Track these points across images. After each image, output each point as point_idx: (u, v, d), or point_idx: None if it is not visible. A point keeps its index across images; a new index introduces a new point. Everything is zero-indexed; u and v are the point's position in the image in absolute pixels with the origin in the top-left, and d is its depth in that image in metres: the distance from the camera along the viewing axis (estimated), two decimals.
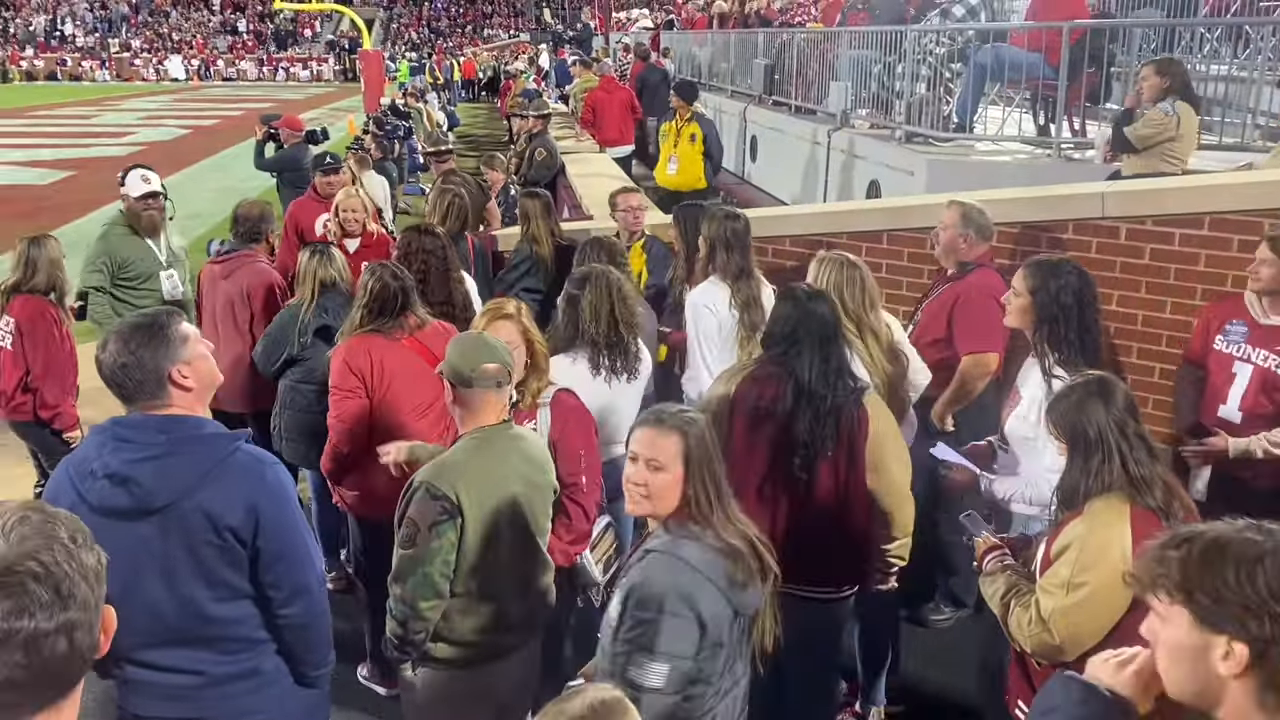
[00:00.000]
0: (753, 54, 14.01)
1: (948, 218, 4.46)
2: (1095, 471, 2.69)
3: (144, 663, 2.56)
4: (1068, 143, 7.72)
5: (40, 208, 16.31)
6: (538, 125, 10.63)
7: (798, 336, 3.37)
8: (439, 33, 57.25)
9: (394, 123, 16.28)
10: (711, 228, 4.66)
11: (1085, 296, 3.56)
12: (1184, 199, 4.49)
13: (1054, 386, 3.44)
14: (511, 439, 3.05)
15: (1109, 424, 2.69)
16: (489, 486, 2.92)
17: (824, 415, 3.30)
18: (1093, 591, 2.60)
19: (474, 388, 2.95)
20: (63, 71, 51.79)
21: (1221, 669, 1.49)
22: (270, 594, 2.56)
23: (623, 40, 24.89)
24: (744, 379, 3.42)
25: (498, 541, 2.94)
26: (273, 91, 45.18)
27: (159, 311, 2.62)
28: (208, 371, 2.59)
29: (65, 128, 29.39)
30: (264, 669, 2.64)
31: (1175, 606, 1.55)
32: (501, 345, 3.08)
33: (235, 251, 5.41)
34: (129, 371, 2.45)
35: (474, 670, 3.03)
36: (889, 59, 9.21)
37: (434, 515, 2.83)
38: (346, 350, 3.98)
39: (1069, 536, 2.70)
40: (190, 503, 2.43)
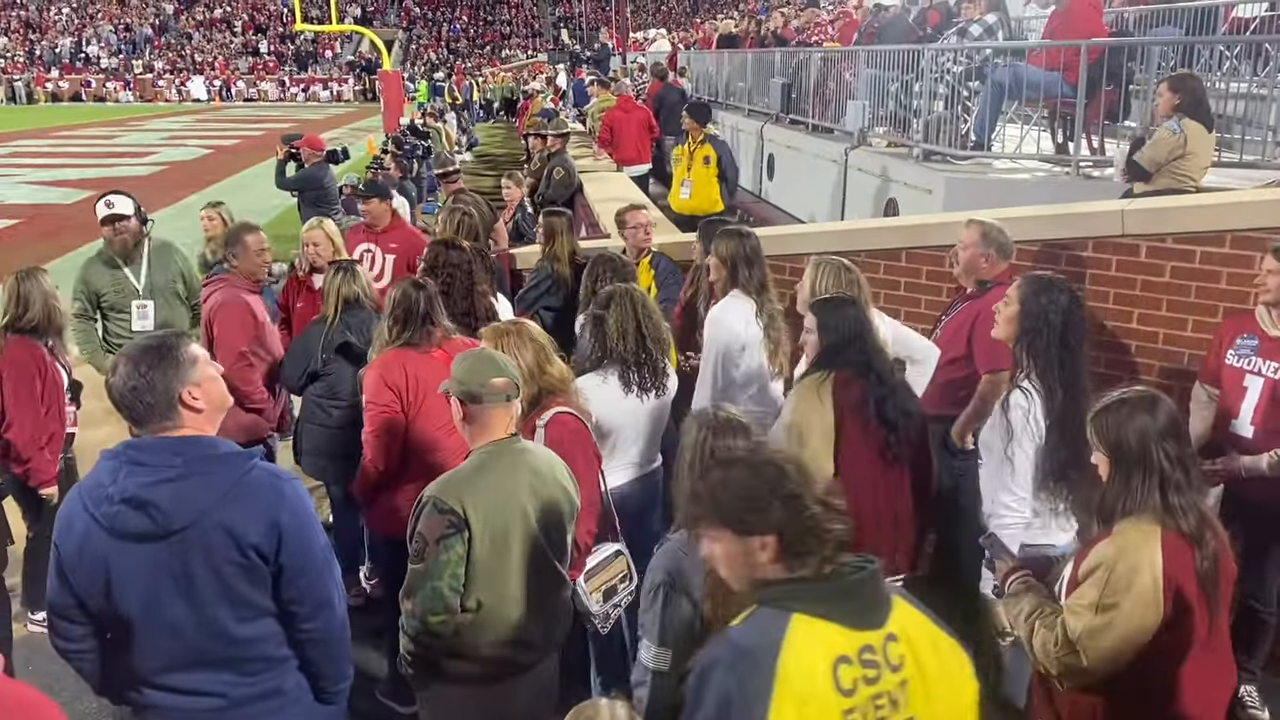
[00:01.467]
0: (770, 73, 14.05)
1: (967, 237, 4.46)
2: (1134, 490, 2.66)
3: (165, 686, 2.56)
4: (1086, 161, 7.69)
5: (64, 227, 16.52)
6: (556, 144, 10.69)
7: (854, 334, 3.53)
8: (458, 53, 57.68)
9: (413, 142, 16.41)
10: (729, 246, 4.68)
11: (1072, 317, 3.55)
12: (1205, 216, 4.46)
13: (1015, 397, 3.50)
14: (520, 452, 3.05)
15: (1155, 443, 2.65)
16: (497, 500, 2.92)
17: (899, 395, 3.49)
18: (1122, 614, 2.58)
19: (483, 404, 2.96)
20: (87, 93, 52.48)
21: (762, 558, 2.00)
22: (293, 609, 2.56)
23: (638, 60, 25.01)
24: (833, 390, 3.46)
25: (508, 555, 2.94)
26: (293, 111, 45.62)
27: (168, 333, 2.63)
28: (218, 393, 2.60)
29: (89, 148, 29.77)
30: (285, 688, 2.65)
31: (717, 529, 2.04)
32: (507, 360, 3.10)
33: (215, 275, 5.37)
34: (139, 394, 2.45)
35: (490, 688, 3.02)
36: (906, 77, 9.21)
37: (441, 529, 2.85)
38: (381, 365, 3.99)
39: (1098, 558, 2.67)
40: (211, 522, 2.43)
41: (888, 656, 1.94)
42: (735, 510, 2.00)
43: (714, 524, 2.03)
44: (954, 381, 4.50)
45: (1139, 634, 2.59)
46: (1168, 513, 2.63)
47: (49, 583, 2.54)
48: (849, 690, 1.90)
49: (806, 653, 1.89)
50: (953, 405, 4.40)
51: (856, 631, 1.93)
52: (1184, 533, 2.62)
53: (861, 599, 1.97)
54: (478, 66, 48.47)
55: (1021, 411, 3.48)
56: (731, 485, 2.01)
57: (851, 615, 1.94)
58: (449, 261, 4.78)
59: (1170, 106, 5.84)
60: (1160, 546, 2.59)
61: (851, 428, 3.42)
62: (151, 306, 5.69)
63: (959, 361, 4.48)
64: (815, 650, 1.90)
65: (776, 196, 12.88)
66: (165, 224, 14.67)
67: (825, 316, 3.59)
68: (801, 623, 1.91)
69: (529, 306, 5.91)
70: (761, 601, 1.97)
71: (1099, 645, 2.60)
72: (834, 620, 1.92)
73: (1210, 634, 2.67)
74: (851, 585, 1.96)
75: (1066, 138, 8.09)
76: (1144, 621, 2.58)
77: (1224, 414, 4.05)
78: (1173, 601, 2.59)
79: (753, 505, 1.97)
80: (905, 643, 1.97)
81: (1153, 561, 2.58)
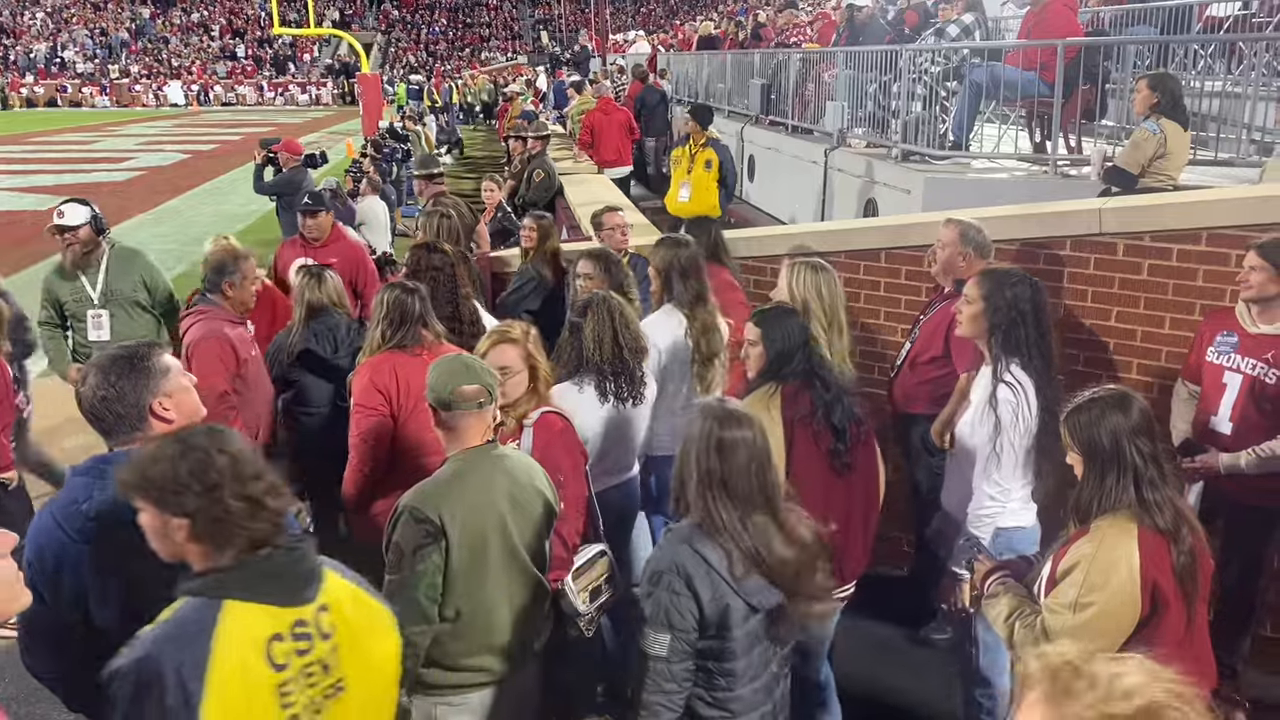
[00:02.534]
0: (749, 74, 14.08)
1: (945, 236, 4.48)
2: (1109, 489, 2.68)
3: None
4: (1064, 159, 7.73)
5: (37, 233, 16.28)
6: (537, 146, 10.66)
7: (798, 344, 3.54)
8: (437, 56, 57.53)
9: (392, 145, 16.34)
10: (663, 256, 4.62)
11: (1039, 302, 3.62)
12: (1182, 214, 4.49)
13: (1002, 392, 3.53)
14: (496, 459, 3.02)
15: (1128, 441, 2.67)
16: (474, 508, 2.89)
17: (845, 401, 3.51)
18: (1100, 612, 2.59)
19: (453, 410, 2.93)
20: (63, 98, 51.99)
21: (178, 537, 2.05)
22: None
23: (618, 62, 25.01)
24: (781, 404, 3.44)
25: (485, 564, 2.91)
26: (271, 115, 45.35)
27: (140, 343, 2.59)
28: (190, 404, 2.57)
29: (65, 154, 29.50)
30: None
31: (141, 500, 2.08)
32: (482, 366, 3.05)
33: (198, 305, 4.81)
34: (109, 404, 2.42)
35: (467, 696, 2.99)
36: (885, 78, 9.25)
37: (418, 539, 2.81)
38: (371, 368, 3.96)
39: (1075, 556, 2.68)
40: None
41: (320, 626, 2.13)
42: (155, 485, 2.06)
43: (139, 494, 2.09)
44: (932, 380, 4.52)
45: (1117, 631, 2.60)
46: (1143, 509, 2.64)
47: None
48: (282, 665, 2.05)
49: (238, 636, 2.02)
50: (931, 404, 4.41)
51: (288, 609, 2.09)
52: (1160, 529, 2.63)
53: (291, 579, 2.13)
54: (457, 69, 48.34)
55: (1010, 406, 3.51)
56: (160, 461, 2.07)
57: (282, 595, 2.10)
58: (431, 265, 4.76)
59: (1147, 105, 5.87)
60: (1137, 543, 2.61)
61: (801, 438, 3.40)
62: (106, 316, 5.59)
63: (937, 361, 4.51)
64: (247, 633, 2.03)
65: (757, 198, 12.90)
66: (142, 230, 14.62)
67: (768, 328, 3.57)
68: (233, 609, 2.03)
69: (510, 310, 5.88)
70: (189, 593, 2.06)
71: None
72: (265, 602, 2.06)
73: (1189, 629, 2.69)
74: (279, 567, 2.11)
75: (1044, 137, 8.14)
76: (1121, 618, 2.59)
77: (1203, 411, 4.08)
78: (1150, 597, 2.60)
79: (171, 486, 2.04)
80: (335, 611, 2.17)
81: (1130, 558, 2.59)
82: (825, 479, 3.43)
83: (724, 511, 2.67)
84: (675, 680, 2.69)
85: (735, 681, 2.74)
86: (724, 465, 2.68)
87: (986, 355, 3.70)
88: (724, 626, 2.66)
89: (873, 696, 4.27)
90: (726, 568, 2.64)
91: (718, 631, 2.67)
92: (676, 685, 2.70)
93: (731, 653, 2.70)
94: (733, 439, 2.69)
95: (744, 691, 2.75)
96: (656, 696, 2.69)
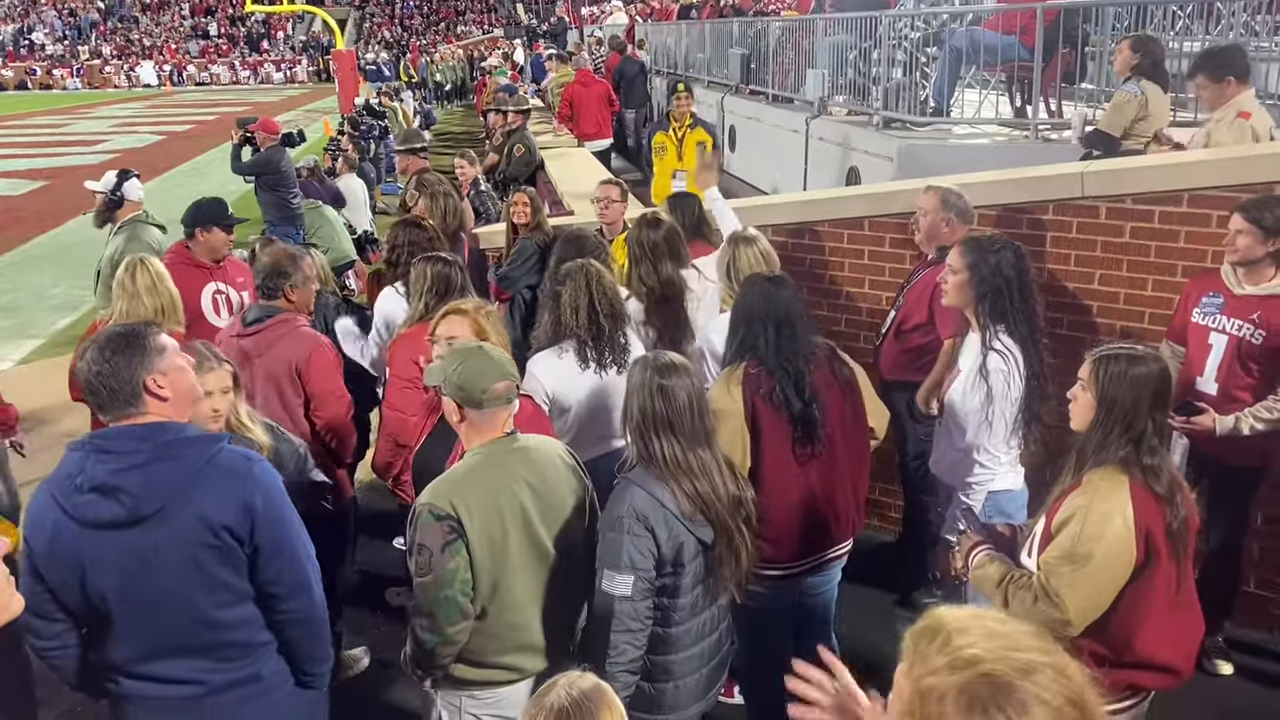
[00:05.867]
0: (728, 43, 13.99)
1: (926, 203, 4.48)
2: (1110, 442, 2.71)
3: (143, 675, 2.55)
4: (1044, 124, 7.74)
5: (15, 219, 16.14)
6: (517, 120, 10.59)
7: (761, 316, 3.44)
8: (412, 31, 56.92)
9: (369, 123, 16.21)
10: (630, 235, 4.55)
11: (1022, 268, 3.64)
12: (1163, 176, 4.50)
13: (993, 361, 3.55)
14: (516, 450, 2.94)
15: (1146, 404, 2.69)
16: (490, 502, 2.81)
17: (804, 385, 3.39)
18: (1098, 563, 2.63)
19: (484, 409, 2.87)
20: (32, 80, 51.24)
21: None
22: (271, 591, 2.56)
23: (595, 33, 24.82)
24: (742, 386, 3.40)
25: (505, 559, 2.83)
26: (247, 94, 44.88)
27: (139, 322, 2.62)
28: (186, 383, 2.58)
29: (37, 137, 29.15)
30: (264, 674, 2.65)
31: None
32: (504, 356, 2.99)
33: (267, 318, 4.17)
34: (104, 380, 2.44)
35: (496, 692, 2.94)
36: (865, 45, 9.21)
37: (443, 536, 2.74)
38: (409, 340, 3.96)
39: (1070, 509, 2.72)
40: (182, 507, 2.42)
41: None
42: None
43: None
44: (918, 348, 4.54)
45: (1113, 581, 2.65)
46: (1141, 471, 2.68)
47: (22, 581, 2.49)
48: None
49: None
50: (917, 372, 4.43)
51: None
52: (1157, 494, 2.67)
53: None
54: (433, 44, 47.85)
55: (1002, 375, 3.53)
56: None
57: None
58: (409, 240, 4.74)
59: (1127, 66, 5.87)
60: (1130, 494, 2.65)
61: (765, 416, 3.37)
62: (97, 280, 5.79)
63: (921, 328, 4.52)
64: None
65: (739, 168, 12.86)
66: None
67: (740, 295, 3.56)
68: None
69: (513, 284, 5.83)
70: None
71: (1076, 595, 2.65)
72: None
73: (1179, 586, 2.74)
74: None
75: (1024, 101, 8.14)
76: (1117, 568, 2.63)
77: (1188, 372, 4.11)
78: (1145, 545, 2.65)
79: None
80: None
81: (1124, 509, 2.64)
82: (793, 455, 3.39)
83: (669, 449, 2.85)
84: (639, 619, 2.81)
85: (684, 615, 2.91)
86: (667, 407, 2.86)
87: (974, 323, 3.71)
88: (678, 563, 2.84)
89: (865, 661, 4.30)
90: (677, 505, 2.82)
91: (673, 568, 2.84)
92: (640, 624, 2.82)
93: (682, 588, 2.87)
94: (671, 384, 2.87)
95: (692, 624, 2.94)
96: (623, 636, 2.80)
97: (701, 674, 3.02)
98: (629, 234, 4.65)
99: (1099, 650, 2.72)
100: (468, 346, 3.05)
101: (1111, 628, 2.72)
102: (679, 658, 2.94)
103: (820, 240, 5.56)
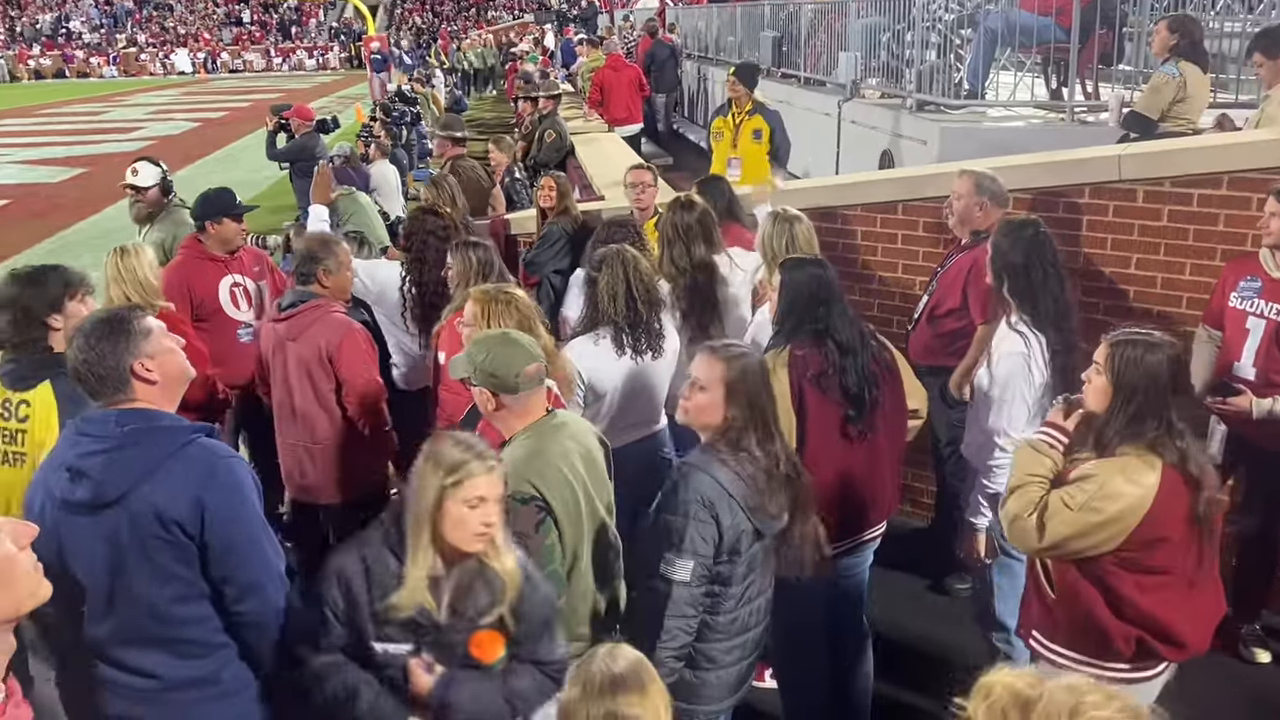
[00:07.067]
0: (759, 26, 13.90)
1: (960, 187, 4.44)
2: (1133, 425, 2.70)
3: (110, 660, 2.54)
4: (1081, 106, 7.64)
5: (53, 206, 16.39)
6: (548, 106, 10.59)
7: (812, 298, 3.45)
8: (443, 16, 56.98)
9: (401, 109, 16.26)
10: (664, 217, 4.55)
11: (1033, 252, 3.59)
12: (1202, 159, 4.44)
13: (1010, 342, 3.54)
14: (559, 428, 3.00)
15: (1165, 389, 2.69)
16: (561, 480, 2.88)
17: (865, 366, 3.41)
18: (1100, 523, 2.65)
19: (519, 393, 2.90)
20: (70, 69, 51.88)
21: None
22: (223, 589, 2.52)
23: (630, 17, 24.74)
24: (788, 369, 3.39)
25: (580, 532, 2.91)
26: (280, 81, 45.15)
27: (124, 306, 2.64)
28: (175, 365, 2.57)
29: (74, 125, 29.47)
30: (222, 678, 2.58)
31: None
32: (528, 339, 3.02)
33: (301, 303, 4.19)
34: (91, 366, 2.45)
35: None
36: (898, 27, 9.12)
37: (532, 517, 2.78)
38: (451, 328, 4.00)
39: (1095, 468, 2.72)
40: (138, 496, 2.40)
41: None
42: None
43: None
44: (951, 333, 4.51)
45: (1094, 545, 2.68)
46: (1175, 454, 2.67)
47: None
48: None
49: None
50: (950, 357, 4.41)
51: None
52: (1189, 476, 2.67)
53: None
54: (464, 30, 47.85)
55: (1020, 356, 3.50)
56: None
57: None
58: (424, 228, 4.78)
59: (1166, 47, 5.78)
60: (1160, 478, 2.65)
61: (811, 399, 3.37)
62: None
63: (955, 313, 4.49)
64: None
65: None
66: None
67: (786, 276, 3.54)
68: None
69: (541, 269, 5.85)
70: None
71: (1059, 534, 2.70)
72: None
73: (1199, 565, 2.76)
74: None
75: (1061, 83, 8.03)
76: (1112, 534, 2.66)
77: (1226, 356, 4.06)
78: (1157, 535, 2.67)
79: None
80: None
81: (1148, 490, 2.64)
82: (840, 439, 3.41)
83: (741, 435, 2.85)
84: (694, 605, 2.82)
85: (733, 605, 2.90)
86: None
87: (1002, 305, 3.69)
88: (735, 551, 2.83)
89: (898, 645, 4.31)
90: (743, 494, 2.80)
91: (729, 556, 2.84)
92: (694, 610, 2.83)
93: (734, 577, 2.87)
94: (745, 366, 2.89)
95: (739, 614, 2.93)
96: (677, 620, 2.81)
97: (742, 666, 3.02)
98: (661, 217, 4.65)
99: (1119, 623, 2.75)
100: (492, 334, 3.07)
101: (1131, 603, 2.74)
102: (722, 646, 2.94)
103: (853, 224, 5.53)
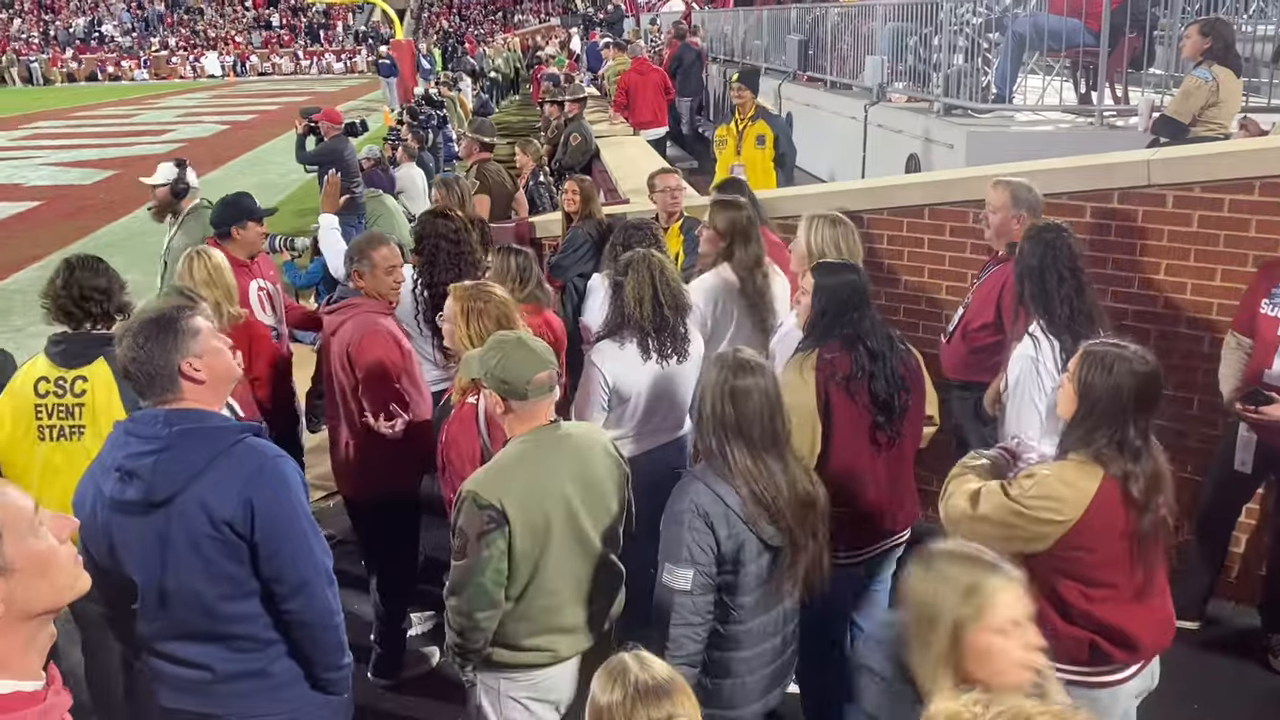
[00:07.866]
0: (786, 30, 13.89)
1: (996, 199, 4.31)
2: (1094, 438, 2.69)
3: (162, 653, 2.60)
4: (1110, 110, 7.58)
5: (85, 207, 16.60)
6: (573, 109, 10.62)
7: (846, 303, 3.45)
8: (470, 20, 57.26)
9: (428, 112, 16.35)
10: (728, 218, 4.57)
11: (1048, 257, 3.55)
12: (1234, 164, 4.39)
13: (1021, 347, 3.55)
14: (561, 439, 2.98)
15: (1127, 406, 2.65)
16: (535, 491, 2.86)
17: (895, 371, 3.42)
18: (1030, 517, 2.67)
19: (528, 399, 2.90)
20: (102, 72, 52.51)
21: None
22: (273, 589, 2.55)
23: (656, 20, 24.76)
24: (816, 372, 3.39)
25: (548, 545, 2.88)
26: (308, 85, 45.53)
27: (173, 305, 2.65)
28: (223, 365, 2.60)
29: (106, 127, 29.83)
30: (273, 671, 2.62)
31: None
32: (541, 345, 3.00)
33: (342, 299, 4.30)
34: (140, 366, 2.48)
35: (531, 674, 3.00)
36: (925, 30, 9.09)
37: (481, 525, 2.79)
38: None
39: (1037, 469, 2.76)
40: (189, 495, 2.43)
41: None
42: None
43: None
44: (985, 348, 4.41)
45: (1023, 542, 2.69)
46: (1119, 472, 2.66)
47: None
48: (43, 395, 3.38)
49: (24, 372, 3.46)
50: (984, 372, 4.33)
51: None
52: (1129, 494, 2.65)
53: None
54: (490, 33, 48.06)
55: (1030, 361, 3.47)
56: None
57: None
58: (435, 231, 4.78)
59: (1197, 50, 5.73)
60: (1098, 486, 2.65)
61: (839, 403, 3.36)
62: (161, 268, 5.94)
63: (989, 328, 4.39)
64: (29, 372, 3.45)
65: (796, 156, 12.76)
66: None
67: (821, 280, 3.53)
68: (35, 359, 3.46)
69: (565, 273, 5.87)
70: None
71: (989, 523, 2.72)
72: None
73: (1147, 581, 2.76)
74: None
75: (1089, 87, 7.98)
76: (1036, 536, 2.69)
77: (1256, 364, 4.01)
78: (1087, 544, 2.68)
79: None
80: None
81: (1082, 498, 2.64)
82: (866, 445, 3.40)
83: (737, 454, 2.83)
84: (699, 613, 2.83)
85: (746, 614, 2.89)
86: (738, 413, 2.83)
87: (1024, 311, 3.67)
88: (738, 561, 2.83)
89: None
90: (740, 506, 2.81)
91: (733, 566, 2.84)
92: (700, 618, 2.84)
93: (744, 586, 2.86)
94: (745, 386, 2.84)
95: (754, 624, 2.92)
96: (683, 629, 2.82)
97: (764, 674, 3.00)
98: (712, 216, 4.65)
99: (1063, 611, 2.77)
100: (506, 338, 3.05)
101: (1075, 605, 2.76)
102: (739, 655, 2.93)
103: (879, 228, 5.51)
